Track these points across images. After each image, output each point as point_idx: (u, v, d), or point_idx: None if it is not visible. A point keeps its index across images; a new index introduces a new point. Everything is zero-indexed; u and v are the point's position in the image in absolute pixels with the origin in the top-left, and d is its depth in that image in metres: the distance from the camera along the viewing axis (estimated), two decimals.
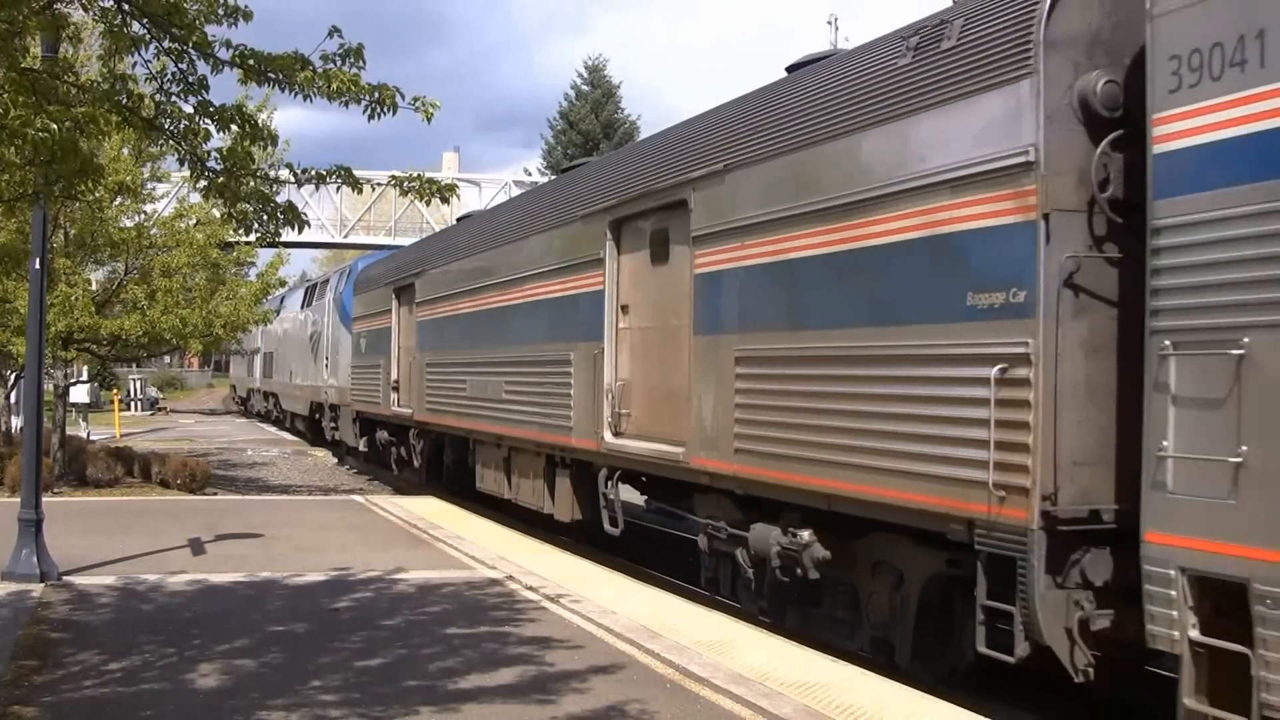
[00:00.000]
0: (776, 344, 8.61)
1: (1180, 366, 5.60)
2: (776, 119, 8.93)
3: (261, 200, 6.57)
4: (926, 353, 7.09)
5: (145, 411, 50.07)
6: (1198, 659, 5.44)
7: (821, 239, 8.14)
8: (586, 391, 11.84)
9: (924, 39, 7.40)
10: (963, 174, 6.87)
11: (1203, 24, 5.51)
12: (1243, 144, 5.34)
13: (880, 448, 7.41)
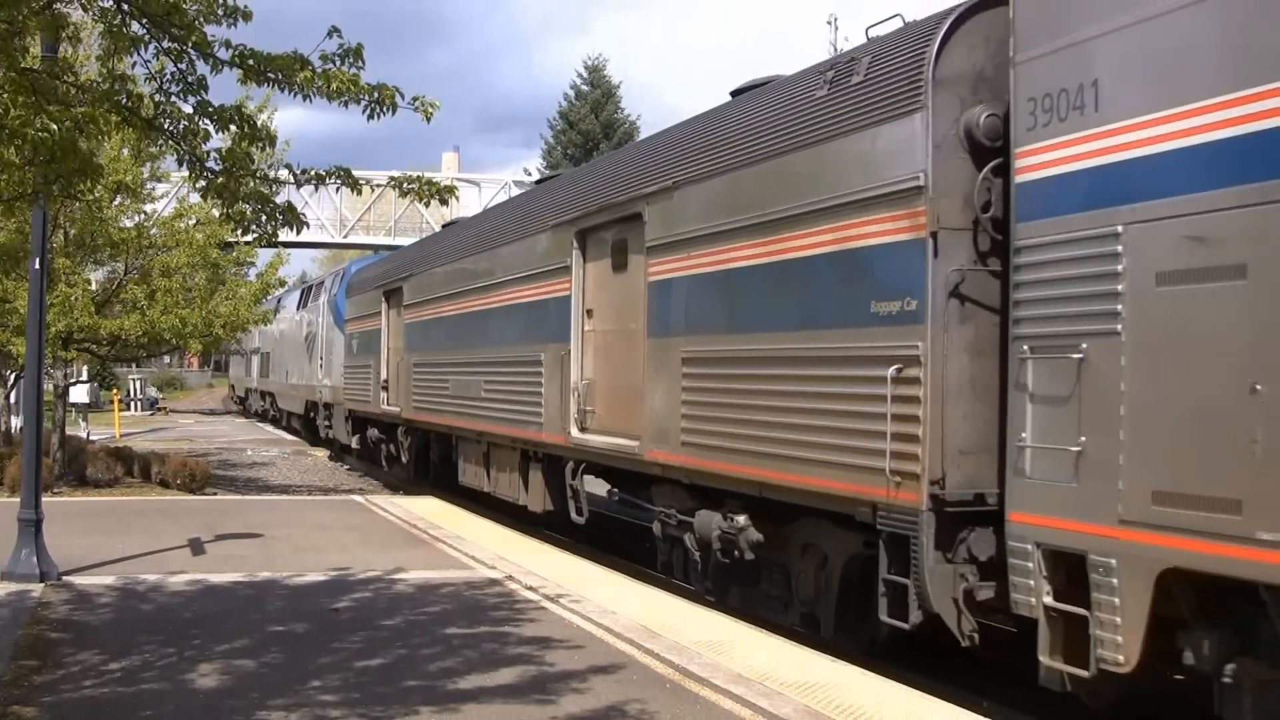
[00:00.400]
0: (718, 346, 9.44)
1: (1035, 368, 6.39)
2: (717, 141, 9.80)
3: (261, 201, 6.57)
4: (839, 354, 7.94)
5: (145, 411, 50.06)
6: (1052, 622, 6.20)
7: (755, 251, 8.97)
8: (555, 390, 12.70)
9: (838, 74, 8.26)
10: (867, 196, 7.68)
11: (1052, 72, 6.32)
12: (1079, 177, 6.16)
13: (802, 440, 8.22)
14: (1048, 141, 6.39)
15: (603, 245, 12.03)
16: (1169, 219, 5.63)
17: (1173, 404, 5.58)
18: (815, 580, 8.88)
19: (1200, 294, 5.47)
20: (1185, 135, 5.57)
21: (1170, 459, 5.57)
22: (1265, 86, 5.19)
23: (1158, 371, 5.68)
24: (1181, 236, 5.55)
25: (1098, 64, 6.05)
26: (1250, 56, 5.26)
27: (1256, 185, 5.17)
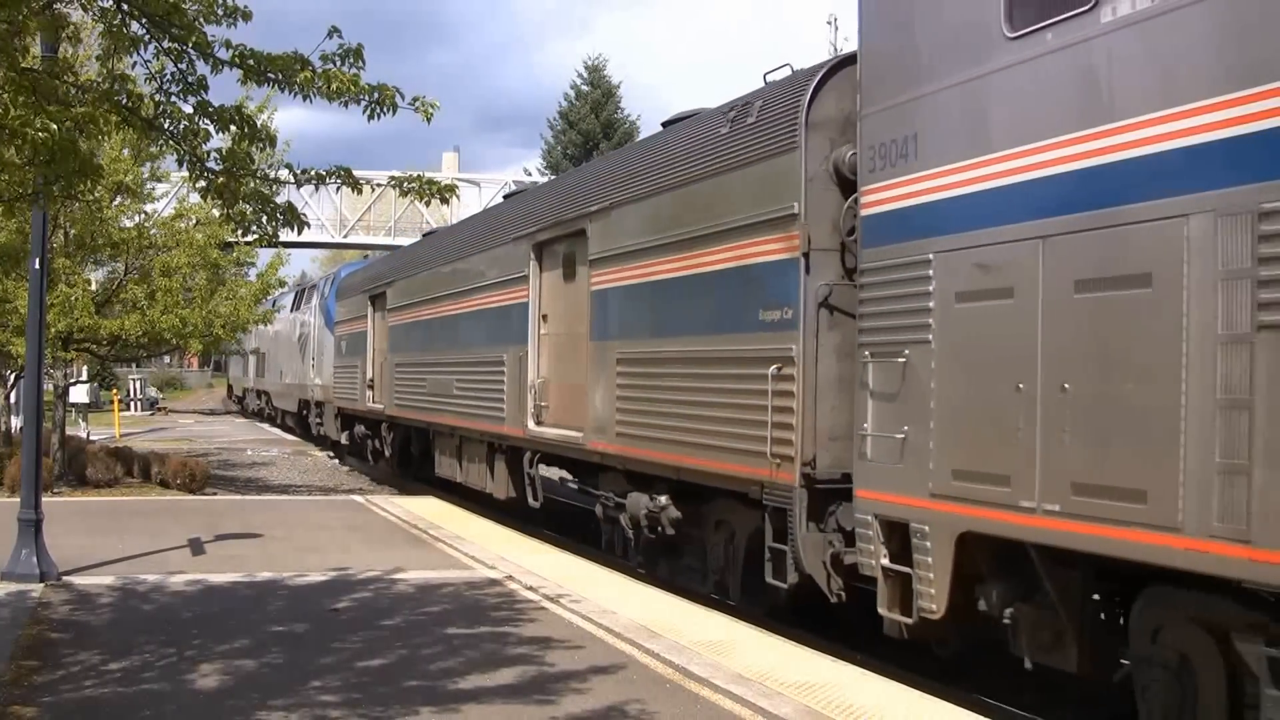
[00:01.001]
0: (645, 348, 10.75)
1: (873, 370, 7.56)
2: (646, 167, 11.13)
3: (261, 201, 6.57)
4: (735, 355, 9.20)
5: (145, 411, 50.06)
6: (889, 580, 7.41)
7: (674, 265, 10.30)
8: (515, 388, 14.07)
9: (737, 115, 9.55)
10: (757, 220, 8.96)
11: (886, 125, 7.49)
12: (904, 213, 7.33)
13: (708, 429, 9.51)
14: (883, 182, 7.54)
15: (555, 257, 13.34)
16: (963, 249, 6.85)
17: (966, 399, 6.79)
18: (725, 552, 10.18)
19: (983, 311, 6.68)
20: (971, 183, 6.80)
21: (964, 443, 6.79)
22: (1021, 148, 6.47)
23: (956, 373, 6.90)
24: (972, 264, 6.78)
25: (917, 120, 7.24)
26: (1020, 122, 6.51)
27: (1016, 225, 6.43)
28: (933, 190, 7.10)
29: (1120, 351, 5.80)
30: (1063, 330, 6.12)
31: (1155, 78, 5.68)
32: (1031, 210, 6.33)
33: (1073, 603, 6.54)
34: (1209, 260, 5.33)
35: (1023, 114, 6.46)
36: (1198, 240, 5.38)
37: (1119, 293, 5.81)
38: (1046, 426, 6.16)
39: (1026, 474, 6.23)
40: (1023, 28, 6.43)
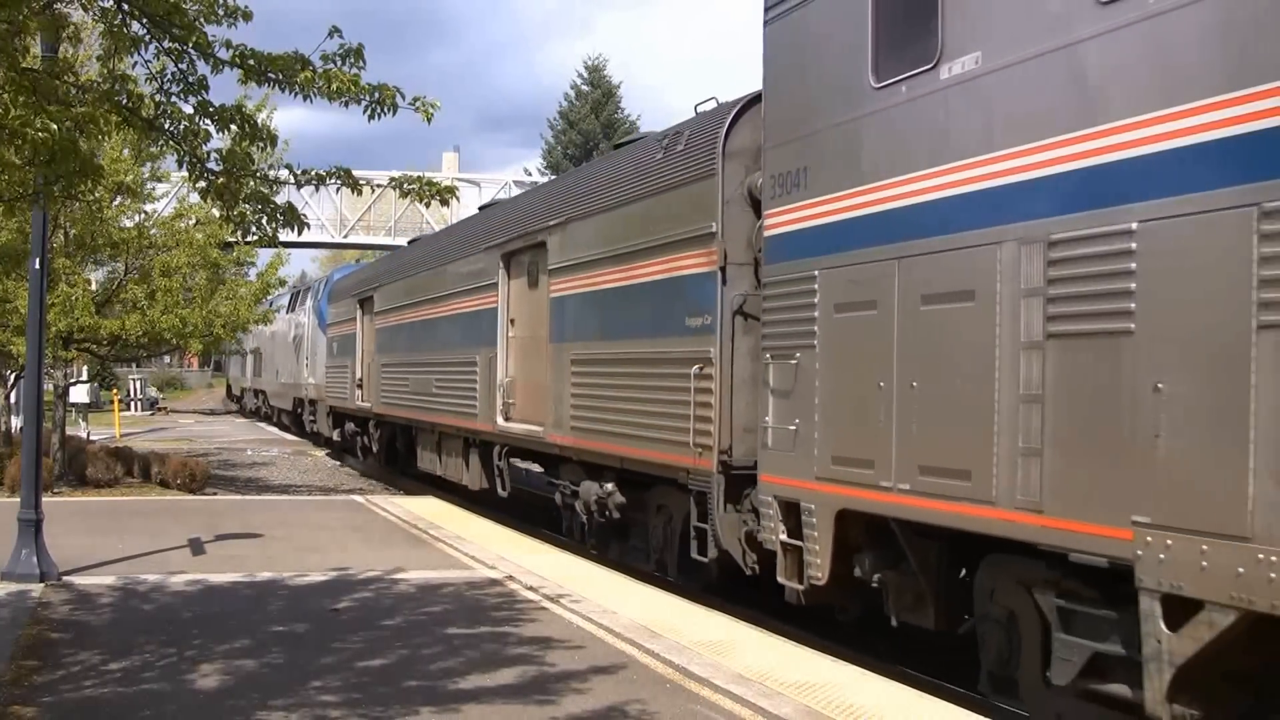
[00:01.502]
0: (594, 350, 11.87)
1: (773, 370, 8.60)
2: (595, 187, 12.40)
3: (261, 202, 6.57)
4: (666, 356, 10.27)
5: (145, 411, 50.06)
6: (787, 553, 8.45)
7: (617, 275, 11.42)
8: (486, 387, 15.28)
9: (670, 142, 10.72)
10: (684, 237, 10.06)
11: (783, 158, 8.56)
12: (796, 235, 8.40)
13: (644, 422, 10.59)
14: (780, 208, 8.62)
15: (521, 266, 14.56)
16: (840, 268, 7.90)
17: (842, 395, 7.85)
18: (664, 533, 11.31)
19: (855, 320, 7.73)
20: (847, 210, 7.84)
21: (841, 433, 7.85)
22: (883, 181, 7.52)
23: (835, 373, 7.94)
24: (846, 280, 7.82)
25: (807, 155, 8.30)
26: (884, 160, 7.52)
27: (879, 248, 7.49)
28: (818, 216, 8.22)
29: (951, 355, 6.90)
30: (912, 337, 7.21)
31: (978, 129, 6.78)
32: (890, 235, 7.42)
33: (930, 569, 7.62)
34: (1014, 280, 6.40)
35: (886, 153, 7.52)
36: (1007, 264, 6.47)
37: (951, 306, 6.89)
38: (900, 418, 7.26)
39: (886, 459, 7.36)
40: (885, 80, 7.49)
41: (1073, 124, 6.10)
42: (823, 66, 8.22)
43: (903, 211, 7.30)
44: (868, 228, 7.64)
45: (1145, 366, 5.65)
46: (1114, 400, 5.80)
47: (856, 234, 7.76)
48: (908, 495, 7.16)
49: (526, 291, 14.35)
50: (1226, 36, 5.41)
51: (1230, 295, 5.26)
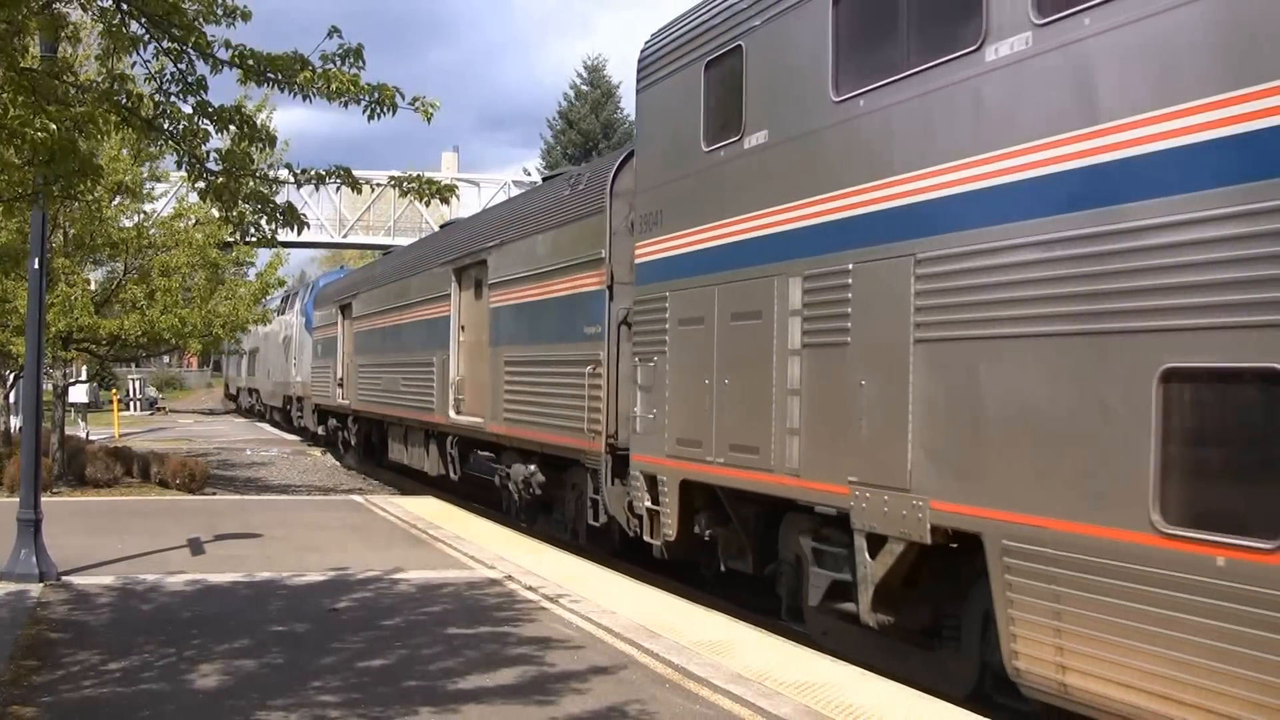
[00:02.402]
0: (521, 352, 14.32)
1: (640, 371, 10.68)
2: (522, 216, 15.21)
3: (260, 202, 6.56)
4: (570, 358, 12.57)
5: (144, 411, 50.05)
6: (651, 517, 10.57)
7: (538, 290, 13.88)
8: (441, 385, 17.70)
9: (575, 182, 13.41)
10: (582, 261, 12.49)
11: (648, 201, 10.86)
12: (654, 264, 10.60)
13: (556, 413, 12.83)
14: (646, 240, 10.80)
15: (469, 280, 17.09)
16: (682, 291, 10.02)
17: (683, 390, 9.91)
18: (575, 506, 13.29)
19: (691, 331, 9.82)
20: (686, 246, 10.05)
21: (682, 419, 9.92)
22: (706, 225, 9.67)
23: (678, 373, 10.00)
24: (685, 300, 9.92)
25: (663, 201, 10.56)
26: (707, 207, 9.66)
27: (704, 276, 9.64)
28: (669, 249, 10.37)
29: (747, 359, 8.94)
30: (725, 345, 9.31)
31: (764, 188, 8.89)
32: (711, 267, 9.58)
33: (748, 526, 9.66)
34: (784, 304, 8.47)
35: (709, 202, 9.70)
36: (779, 292, 8.54)
37: (747, 322, 8.97)
38: (717, 407, 9.35)
39: (709, 439, 9.47)
40: (710, 145, 9.68)
41: (817, 190, 8.22)
42: (673, 131, 10.39)
43: (718, 249, 9.53)
44: (699, 260, 9.85)
45: (855, 368, 7.72)
46: (838, 393, 7.88)
47: (692, 265, 9.95)
48: (724, 467, 9.30)
49: (473, 302, 16.81)
50: (885, 134, 7.63)
51: (898, 317, 7.27)
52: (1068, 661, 6.15)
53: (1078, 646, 6.07)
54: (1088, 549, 5.96)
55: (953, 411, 6.90)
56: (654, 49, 10.84)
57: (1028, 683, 6.44)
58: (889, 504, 7.29)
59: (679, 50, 10.33)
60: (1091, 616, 5.97)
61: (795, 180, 8.46)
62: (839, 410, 7.81)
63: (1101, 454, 5.91)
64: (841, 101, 7.99)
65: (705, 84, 9.79)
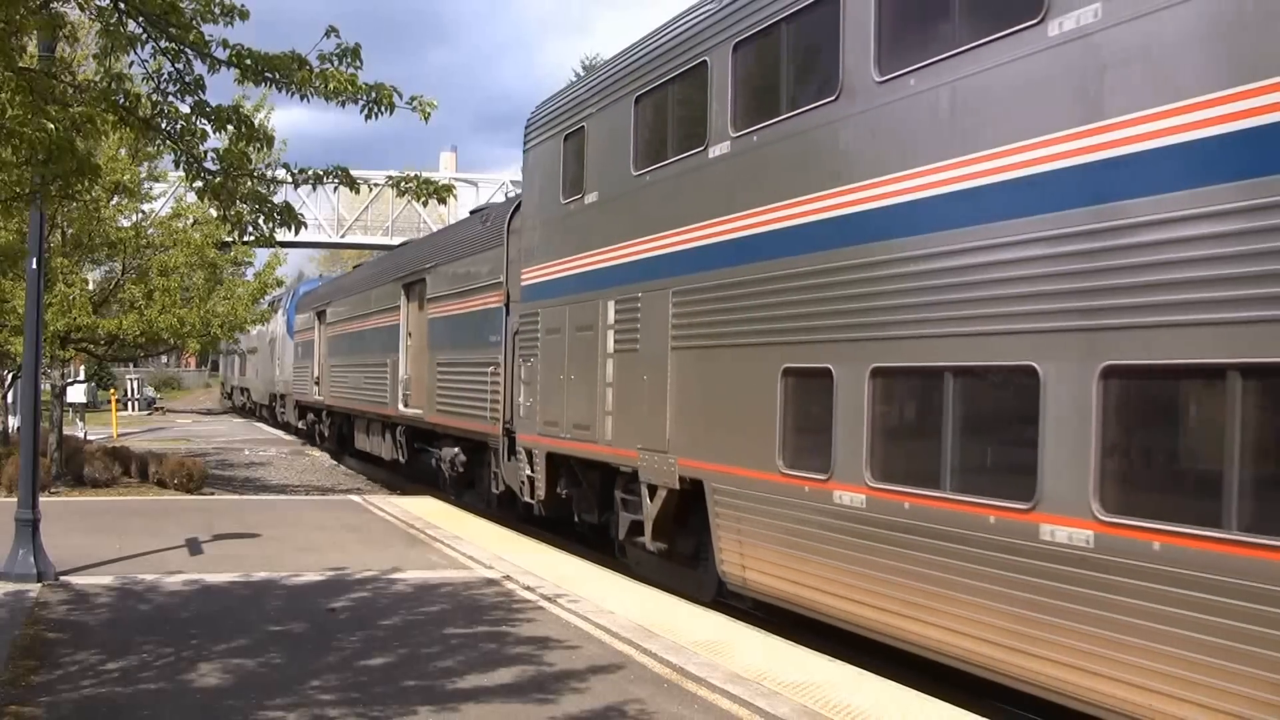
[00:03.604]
0: (449, 356, 17.68)
1: (522, 369, 13.74)
2: (450, 243, 19.02)
3: (258, 201, 6.55)
4: (479, 361, 15.96)
5: (142, 411, 50.01)
6: (534, 484, 13.29)
7: (460, 306, 17.33)
8: (393, 383, 21.28)
9: (485, 218, 17.36)
10: (488, 284, 15.96)
11: (528, 238, 13.94)
12: (531, 287, 13.56)
13: (471, 406, 16.32)
14: (527, 268, 13.88)
15: (414, 294, 20.57)
16: (548, 309, 12.99)
17: (548, 384, 12.86)
18: (489, 482, 16.21)
19: (553, 339, 12.81)
20: (548, 274, 13.04)
21: (547, 406, 12.86)
22: (563, 259, 12.69)
23: (545, 371, 12.95)
24: (549, 315, 12.91)
25: (535, 239, 13.66)
26: (562, 245, 12.73)
27: (559, 298, 12.59)
28: (541, 276, 13.45)
29: (584, 360, 11.99)
30: (572, 349, 12.37)
31: (593, 233, 12.00)
32: (565, 291, 12.63)
33: (594, 486, 12.44)
34: (605, 320, 11.50)
35: (561, 242, 12.85)
36: (602, 311, 11.57)
37: (585, 332, 11.99)
38: (567, 396, 12.37)
39: (563, 420, 12.48)
40: (564, 199, 12.81)
41: (623, 238, 11.33)
42: (543, 185, 13.56)
43: (569, 278, 12.60)
44: (558, 285, 12.89)
45: (640, 367, 10.78)
46: (631, 384, 10.97)
47: (554, 289, 12.99)
48: (571, 441, 12.33)
49: (417, 313, 20.20)
50: (657, 201, 10.78)
51: (663, 331, 10.40)
52: (746, 564, 9.33)
53: (751, 553, 9.25)
54: (752, 486, 9.07)
55: (687, 397, 10.10)
56: (533, 120, 13.94)
57: (728, 581, 9.70)
58: (657, 463, 10.51)
59: (548, 124, 13.43)
60: (757, 533, 9.08)
61: (612, 230, 11.57)
62: (632, 397, 10.99)
63: (757, 425, 8.98)
64: (637, 175, 11.16)
65: (563, 152, 12.89)
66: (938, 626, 7.18)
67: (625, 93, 11.46)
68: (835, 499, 8.04)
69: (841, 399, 8.00)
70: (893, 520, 7.52)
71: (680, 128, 10.52)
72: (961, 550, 6.93)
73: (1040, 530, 6.38)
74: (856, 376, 7.85)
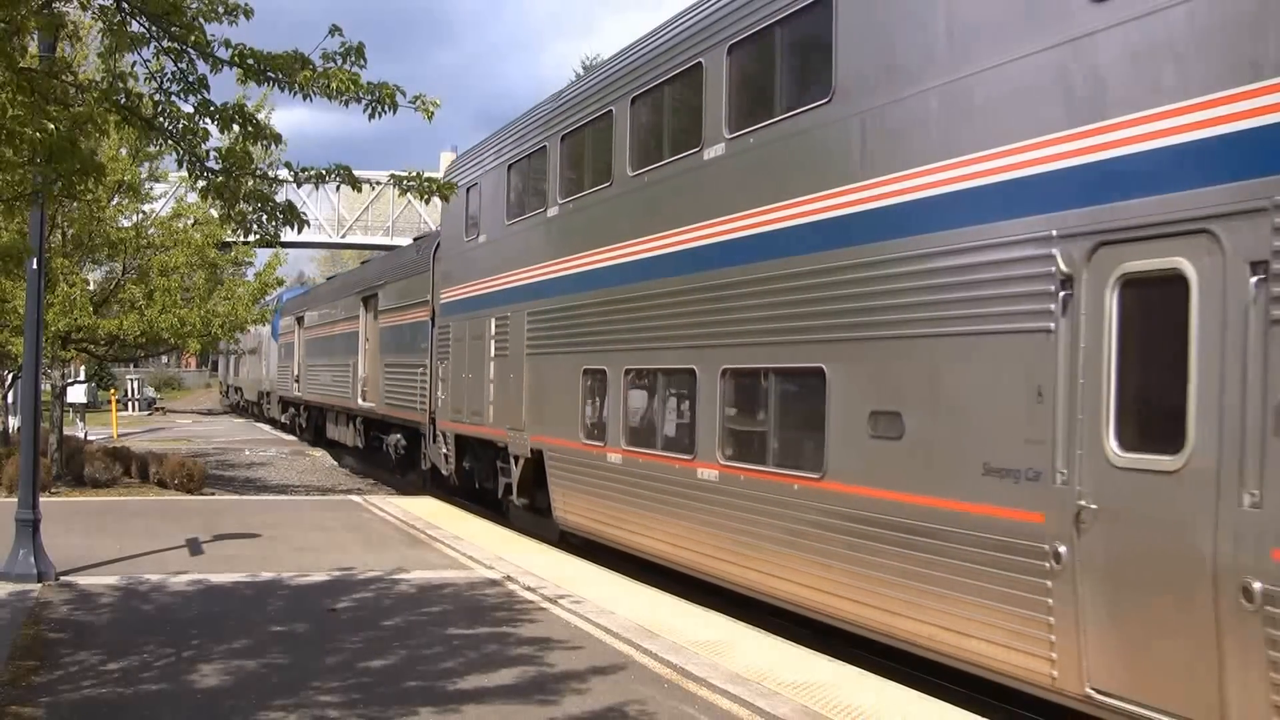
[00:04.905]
0: (392, 359, 21.61)
1: (439, 370, 17.73)
2: (395, 265, 23.33)
3: (260, 200, 6.55)
4: (413, 364, 19.71)
5: (142, 411, 50.00)
6: (446, 459, 17.42)
7: (399, 318, 21.25)
8: (354, 380, 25.39)
9: (418, 247, 21.48)
10: (419, 301, 19.60)
11: (446, 266, 18.04)
12: (448, 304, 17.55)
13: (408, 399, 19.97)
14: (444, 290, 17.72)
15: (370, 305, 24.47)
16: (457, 320, 16.88)
17: (456, 381, 16.65)
18: (422, 459, 19.54)
19: (459, 345, 16.64)
20: (459, 295, 16.94)
21: (456, 398, 16.66)
22: (472, 282, 16.46)
23: (455, 371, 16.69)
24: (455, 326, 16.90)
25: (451, 266, 17.52)
26: (470, 272, 16.73)
27: (461, 314, 16.73)
28: (452, 296, 17.22)
29: (478, 362, 15.51)
30: (469, 354, 16.03)
31: (486, 265, 15.62)
32: (466, 309, 16.34)
33: (489, 459, 15.65)
34: (488, 330, 15.15)
35: (463, 271, 16.72)
36: (488, 325, 15.29)
37: (477, 340, 15.62)
38: (468, 389, 15.87)
39: (464, 408, 16.13)
40: (467, 238, 16.64)
41: (499, 271, 15.01)
42: (454, 225, 17.66)
43: (468, 298, 16.38)
44: (462, 304, 16.72)
45: (509, 368, 14.37)
46: (504, 381, 14.52)
47: (459, 307, 16.83)
48: (470, 425, 16.08)
49: (372, 322, 24.13)
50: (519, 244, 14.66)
51: (522, 341, 14.03)
52: (566, 508, 13.03)
53: (566, 499, 12.97)
54: (578, 455, 12.50)
55: (535, 390, 13.77)
56: (448, 172, 18.00)
57: (558, 522, 13.26)
58: (518, 438, 14.19)
59: (459, 175, 17.14)
60: (578, 488, 12.63)
61: (494, 264, 15.44)
62: (504, 390, 14.68)
63: (566, 409, 12.76)
64: (509, 224, 15.02)
65: (467, 201, 16.59)
66: (660, 541, 10.87)
67: (502, 161, 15.35)
68: (608, 460, 11.72)
69: (611, 390, 11.73)
70: (634, 470, 11.26)
71: (533, 192, 14.33)
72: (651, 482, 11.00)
73: (697, 472, 10.05)
74: (618, 373, 11.58)
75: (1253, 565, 5.21)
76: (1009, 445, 6.57)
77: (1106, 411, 6.05)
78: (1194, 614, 5.50)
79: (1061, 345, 6.27)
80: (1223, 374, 5.44)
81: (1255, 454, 5.26)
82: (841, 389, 8.09)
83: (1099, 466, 6.06)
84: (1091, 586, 6.07)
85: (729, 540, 9.46)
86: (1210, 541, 5.42)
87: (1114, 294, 6.03)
